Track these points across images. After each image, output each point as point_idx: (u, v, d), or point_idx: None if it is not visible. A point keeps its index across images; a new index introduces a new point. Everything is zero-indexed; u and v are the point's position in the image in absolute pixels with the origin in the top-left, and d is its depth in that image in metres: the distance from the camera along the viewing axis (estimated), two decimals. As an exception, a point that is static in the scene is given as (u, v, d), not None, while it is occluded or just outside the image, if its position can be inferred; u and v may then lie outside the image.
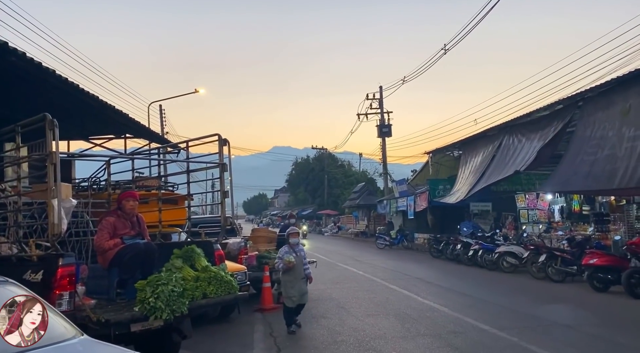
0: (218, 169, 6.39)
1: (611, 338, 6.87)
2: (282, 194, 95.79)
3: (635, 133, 10.83)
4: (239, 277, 8.22)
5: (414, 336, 7.11)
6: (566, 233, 15.18)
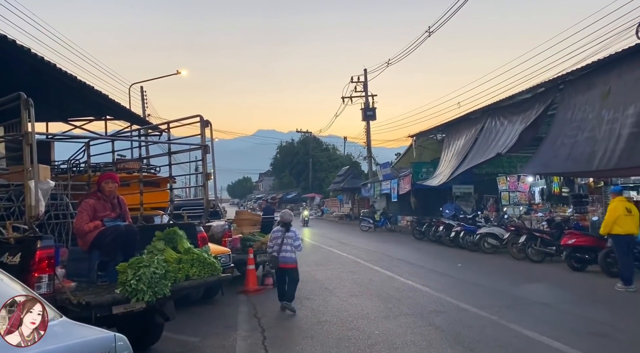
0: (200, 151, 6.32)
1: (587, 315, 7.07)
2: (267, 178, 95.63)
3: (614, 115, 11.00)
4: (223, 259, 8.21)
5: (396, 316, 7.22)
6: (546, 215, 15.46)
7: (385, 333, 6.27)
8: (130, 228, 5.55)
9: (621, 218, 9.08)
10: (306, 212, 35.21)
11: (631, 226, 9.10)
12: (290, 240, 7.87)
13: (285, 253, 7.80)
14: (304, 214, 34.20)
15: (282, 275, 7.90)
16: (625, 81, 11.01)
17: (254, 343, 6.01)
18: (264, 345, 5.95)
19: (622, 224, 9.07)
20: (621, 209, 9.15)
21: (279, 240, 7.89)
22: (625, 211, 9.14)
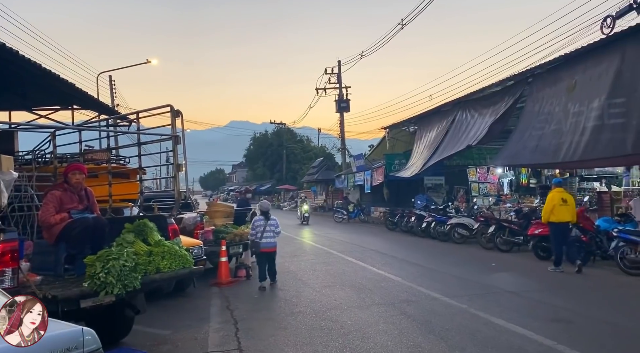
0: (171, 142, 6.21)
1: (552, 302, 7.31)
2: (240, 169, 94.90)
3: (579, 108, 11.32)
4: (195, 252, 8.16)
5: (368, 305, 7.31)
6: (514, 205, 15.87)
7: (357, 322, 6.34)
8: (99, 220, 5.42)
9: (557, 208, 10.00)
10: (306, 206, 25.92)
11: (565, 215, 10.03)
12: (272, 227, 8.97)
13: (268, 238, 8.89)
14: (303, 209, 25.51)
15: (264, 258, 8.96)
16: (590, 75, 11.34)
17: (226, 335, 5.99)
18: (236, 336, 5.93)
19: (557, 213, 10.00)
20: (557, 199, 10.06)
21: (261, 227, 8.91)
22: (561, 201, 10.04)
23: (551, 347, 5.18)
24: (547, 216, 10.21)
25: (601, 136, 10.58)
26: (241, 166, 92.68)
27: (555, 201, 10.11)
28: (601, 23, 10.77)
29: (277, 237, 9.09)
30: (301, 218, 25.38)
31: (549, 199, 10.36)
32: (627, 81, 10.27)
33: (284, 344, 5.57)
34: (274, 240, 9.01)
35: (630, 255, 9.18)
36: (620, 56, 10.52)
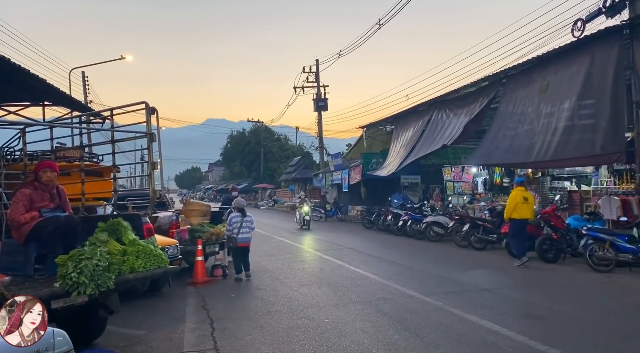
0: (146, 139, 6.11)
1: (524, 299, 7.48)
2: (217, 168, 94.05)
3: (551, 109, 11.60)
4: (170, 251, 8.06)
5: (345, 303, 7.34)
6: (488, 204, 16.15)
7: (334, 321, 6.36)
8: (71, 219, 5.30)
9: (519, 205, 10.55)
10: (306, 207, 21.01)
11: (526, 212, 10.64)
12: (247, 223, 9.67)
13: (244, 234, 9.56)
14: (303, 211, 20.82)
15: (240, 252, 9.59)
16: (562, 77, 11.63)
17: (202, 335, 5.94)
18: (212, 336, 5.89)
19: (519, 210, 10.59)
20: (519, 197, 10.60)
21: (238, 223, 9.52)
22: (522, 199, 10.59)
23: (523, 342, 5.29)
24: (509, 213, 10.73)
25: (572, 137, 10.87)
26: (218, 165, 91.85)
27: (517, 199, 10.61)
28: (572, 26, 11.05)
29: (251, 232, 9.86)
30: (301, 221, 20.96)
31: (512, 197, 10.84)
32: (597, 83, 10.58)
33: (260, 343, 5.55)
34: (250, 235, 9.76)
35: (598, 252, 9.44)
36: (590, 58, 10.83)
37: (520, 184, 11.23)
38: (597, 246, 9.50)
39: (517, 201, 10.59)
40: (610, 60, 10.29)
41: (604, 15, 10.55)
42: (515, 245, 10.79)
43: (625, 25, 10.06)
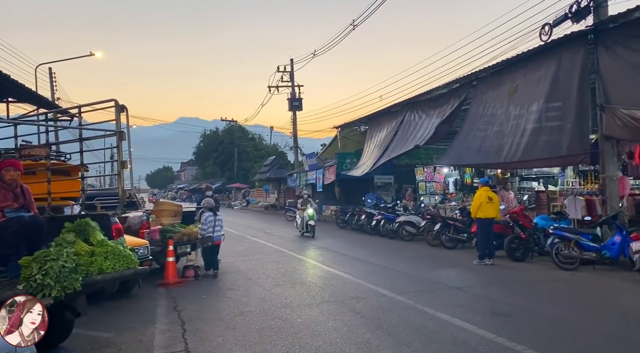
0: (115, 138, 5.98)
1: (493, 297, 7.64)
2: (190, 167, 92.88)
3: (520, 111, 11.89)
4: (141, 252, 7.93)
5: (319, 303, 7.35)
6: (459, 204, 16.44)
7: (307, 320, 6.36)
8: (36, 220, 5.14)
9: (483, 205, 10.75)
10: (310, 210, 17.13)
11: (491, 211, 10.84)
12: (219, 222, 10.07)
13: (218, 232, 9.94)
14: (308, 215, 17.03)
15: (214, 250, 9.93)
16: (530, 80, 11.94)
17: (173, 337, 5.85)
18: (183, 338, 5.81)
19: (484, 209, 10.78)
20: (484, 197, 10.79)
21: (212, 222, 9.83)
22: (487, 199, 10.78)
23: (492, 339, 5.40)
24: (475, 212, 10.95)
25: (539, 138, 11.17)
26: (190, 164, 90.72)
27: (482, 199, 10.81)
28: (540, 30, 11.36)
29: (222, 230, 10.32)
30: (303, 226, 17.30)
31: (477, 197, 11.04)
32: (563, 86, 10.90)
33: (232, 344, 5.50)
34: (222, 233, 10.25)
35: (564, 250, 9.72)
36: (557, 62, 11.15)
37: (485, 184, 11.45)
38: (563, 245, 9.79)
39: (482, 201, 10.78)
40: (575, 64, 10.62)
41: (570, 21, 10.88)
42: (480, 243, 10.96)
43: (590, 31, 10.39)
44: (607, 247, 9.33)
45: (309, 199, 18.43)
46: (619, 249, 9.17)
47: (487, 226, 10.89)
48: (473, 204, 11.11)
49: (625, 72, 9.69)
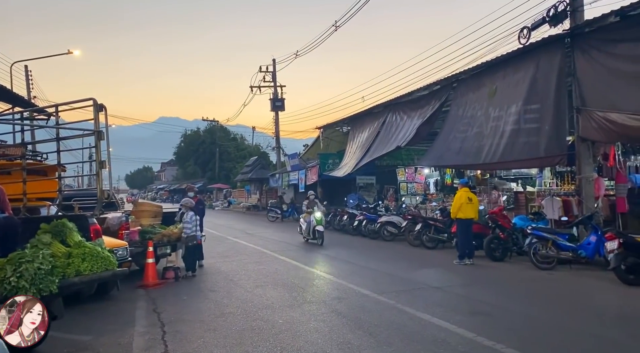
0: (94, 137, 5.89)
1: (473, 297, 7.73)
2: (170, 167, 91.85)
3: (499, 113, 12.06)
4: (120, 253, 7.82)
5: (300, 304, 7.34)
6: (439, 204, 16.60)
7: (289, 321, 6.35)
8: (10, 220, 5.03)
9: (464, 206, 10.88)
10: (319, 214, 14.96)
11: (470, 212, 10.97)
12: (199, 222, 10.32)
13: (199, 232, 10.27)
14: (316, 219, 14.83)
15: (196, 249, 10.13)
16: (509, 82, 12.13)
17: (152, 339, 5.77)
18: (163, 340, 5.74)
19: (464, 210, 10.91)
20: (464, 198, 10.93)
21: (194, 222, 10.00)
22: (467, 200, 10.92)
23: (472, 339, 5.47)
24: (455, 212, 11.08)
25: (518, 140, 11.36)
26: (171, 164, 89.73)
27: (462, 199, 10.96)
28: (518, 33, 11.55)
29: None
30: (309, 232, 15.11)
31: (457, 198, 11.18)
32: (541, 88, 11.11)
33: (213, 346, 5.46)
34: (202, 233, 10.80)
35: (542, 250, 9.90)
36: (535, 65, 11.35)
37: (465, 185, 11.60)
38: (541, 245, 9.96)
39: (462, 202, 10.92)
40: (553, 67, 10.82)
41: (548, 24, 11.09)
42: (460, 243, 11.09)
43: (567, 35, 10.61)
44: (583, 247, 9.53)
45: (316, 200, 15.79)
46: (594, 249, 9.37)
47: (466, 227, 11.01)
48: (453, 205, 11.21)
49: (600, 75, 9.92)
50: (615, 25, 9.44)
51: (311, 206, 15.31)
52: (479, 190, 16.17)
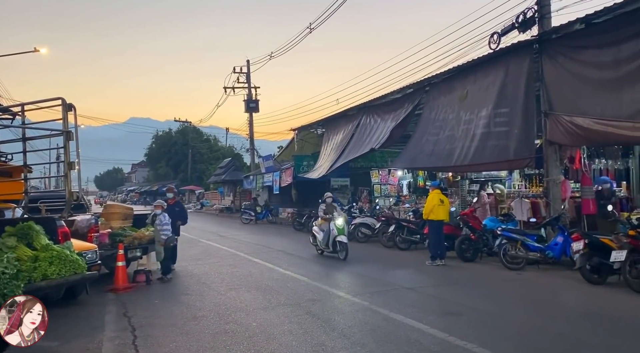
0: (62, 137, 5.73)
1: (445, 297, 7.86)
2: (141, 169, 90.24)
3: (470, 116, 12.30)
4: (89, 256, 7.63)
5: (274, 306, 7.31)
6: (412, 206, 16.80)
7: (263, 324, 6.32)
8: (-27, 224, 4.86)
9: (435, 207, 11.06)
10: (340, 221, 12.02)
11: (441, 213, 11.18)
12: (171, 222, 10.01)
13: (174, 232, 10.04)
14: (337, 227, 11.94)
15: (172, 251, 10.09)
16: (480, 86, 12.38)
17: (122, 344, 5.66)
18: (134, 344, 5.63)
19: (435, 212, 11.09)
20: (436, 200, 11.14)
21: (169, 223, 9.81)
22: (439, 201, 11.13)
23: (444, 339, 5.55)
24: (427, 214, 11.25)
25: (488, 143, 11.60)
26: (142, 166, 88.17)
27: (434, 201, 11.14)
28: (489, 39, 11.81)
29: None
30: (327, 243, 12.28)
31: (429, 199, 11.35)
32: (510, 92, 11.37)
33: (185, 350, 5.39)
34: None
35: (511, 251, 10.13)
36: (505, 69, 11.62)
37: (436, 187, 11.81)
38: (510, 246, 10.19)
39: (434, 203, 11.09)
40: (522, 72, 11.10)
41: (517, 30, 11.37)
42: (432, 244, 11.24)
43: (535, 40, 10.90)
44: (551, 247, 9.79)
45: (334, 204, 12.99)
46: (561, 249, 9.64)
47: (438, 228, 11.18)
48: (426, 206, 11.36)
49: (567, 80, 10.22)
50: (581, 32, 9.76)
51: (330, 211, 12.46)
52: (451, 192, 16.45)
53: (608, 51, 9.25)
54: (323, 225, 12.50)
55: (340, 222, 11.93)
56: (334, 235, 11.87)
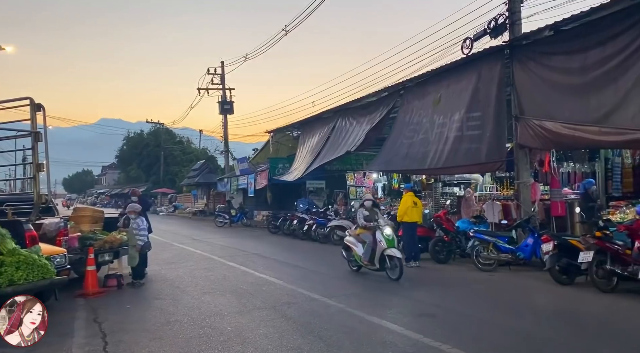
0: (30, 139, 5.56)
1: (419, 299, 7.94)
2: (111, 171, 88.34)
3: (443, 120, 12.49)
4: (58, 260, 7.43)
5: (250, 310, 7.25)
6: (387, 208, 16.92)
7: (238, 328, 6.25)
8: None
9: (409, 209, 11.20)
10: (389, 230, 9.81)
11: (415, 215, 11.32)
12: (146, 226, 9.83)
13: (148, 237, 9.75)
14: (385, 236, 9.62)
15: (145, 257, 9.79)
16: (453, 90, 12.60)
17: (93, 350, 5.50)
18: (105, 351, 5.49)
19: (410, 214, 11.21)
20: (409, 202, 11.26)
21: (146, 229, 9.63)
22: (412, 203, 11.27)
23: (418, 340, 5.61)
24: (401, 216, 11.34)
25: (461, 146, 11.81)
26: (112, 168, 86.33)
27: (408, 203, 11.25)
28: (462, 44, 12.02)
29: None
30: (370, 257, 9.81)
31: (403, 202, 11.47)
32: (482, 97, 11.61)
33: (159, 356, 5.28)
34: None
35: (483, 252, 10.32)
36: (477, 74, 11.86)
37: (410, 189, 11.94)
38: (483, 247, 10.38)
39: (408, 206, 11.21)
40: (493, 77, 11.35)
41: (489, 36, 11.62)
42: (406, 246, 11.31)
43: (506, 46, 11.16)
44: (521, 249, 10.01)
45: (375, 209, 10.56)
46: (531, 250, 9.86)
47: (412, 230, 11.31)
48: (400, 208, 11.45)
49: (536, 85, 10.50)
50: (550, 38, 10.03)
51: (372, 217, 10.07)
52: (424, 194, 16.65)
53: (576, 58, 9.54)
54: (363, 235, 10.06)
55: (389, 232, 9.73)
56: (382, 247, 9.50)
